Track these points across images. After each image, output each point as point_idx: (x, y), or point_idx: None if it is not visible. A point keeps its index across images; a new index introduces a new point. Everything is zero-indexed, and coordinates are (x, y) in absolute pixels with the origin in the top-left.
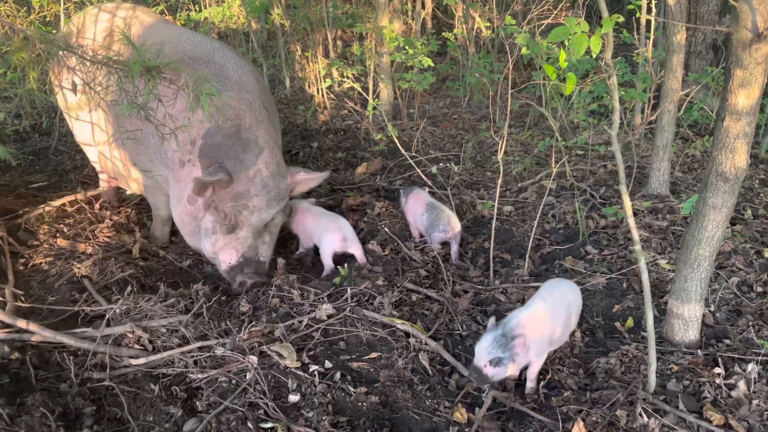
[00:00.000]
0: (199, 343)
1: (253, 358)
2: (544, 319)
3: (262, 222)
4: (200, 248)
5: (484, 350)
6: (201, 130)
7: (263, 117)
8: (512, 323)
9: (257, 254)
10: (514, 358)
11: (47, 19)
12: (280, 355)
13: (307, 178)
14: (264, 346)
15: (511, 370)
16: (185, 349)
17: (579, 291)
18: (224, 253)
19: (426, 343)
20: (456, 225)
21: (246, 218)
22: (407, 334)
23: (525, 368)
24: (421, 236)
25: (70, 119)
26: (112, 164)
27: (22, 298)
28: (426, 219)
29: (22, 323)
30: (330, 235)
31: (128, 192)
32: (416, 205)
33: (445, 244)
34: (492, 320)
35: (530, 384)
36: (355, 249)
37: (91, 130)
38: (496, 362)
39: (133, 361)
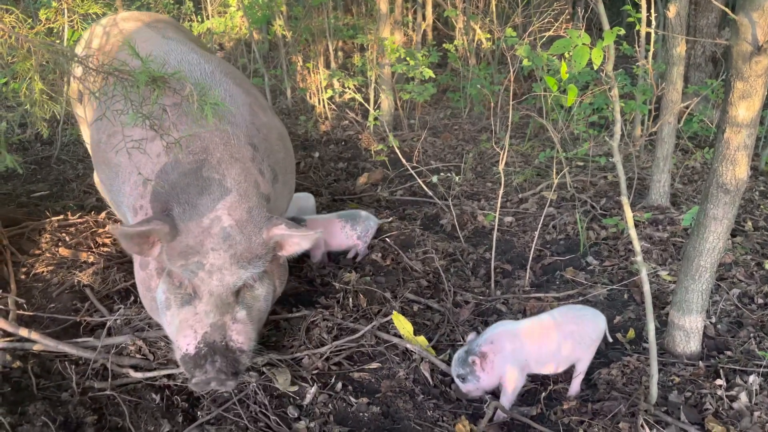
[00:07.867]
0: None
1: (253, 374)
2: (525, 336)
3: (228, 288)
4: None
5: (452, 366)
6: (156, 166)
7: (242, 155)
8: (479, 339)
9: (225, 338)
10: (478, 374)
11: (54, 30)
12: (275, 380)
13: (290, 235)
14: (263, 367)
15: (488, 383)
16: None
17: (599, 321)
18: (179, 335)
19: (426, 357)
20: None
21: (203, 282)
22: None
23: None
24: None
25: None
26: None
27: (24, 307)
28: (359, 227)
29: (24, 332)
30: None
31: None
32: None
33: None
34: (472, 335)
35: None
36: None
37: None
38: (462, 378)
39: (133, 374)
